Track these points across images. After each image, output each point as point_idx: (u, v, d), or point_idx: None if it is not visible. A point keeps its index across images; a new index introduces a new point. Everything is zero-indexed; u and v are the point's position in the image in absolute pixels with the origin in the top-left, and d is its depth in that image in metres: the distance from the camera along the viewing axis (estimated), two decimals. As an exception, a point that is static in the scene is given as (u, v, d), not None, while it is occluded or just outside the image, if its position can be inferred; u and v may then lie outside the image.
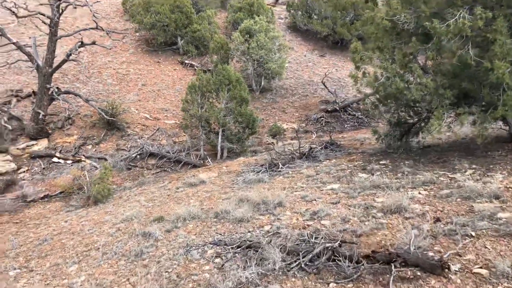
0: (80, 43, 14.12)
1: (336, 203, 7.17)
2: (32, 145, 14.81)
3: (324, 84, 19.34)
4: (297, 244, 5.50)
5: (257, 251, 5.55)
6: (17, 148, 14.52)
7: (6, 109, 14.77)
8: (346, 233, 5.70)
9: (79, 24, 21.75)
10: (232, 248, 5.88)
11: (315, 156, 11.54)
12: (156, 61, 20.99)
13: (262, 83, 19.32)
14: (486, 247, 4.74)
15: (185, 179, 11.63)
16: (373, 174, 8.55)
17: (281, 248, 5.32)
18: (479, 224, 5.26)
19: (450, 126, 8.92)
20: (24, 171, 14.03)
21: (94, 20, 14.37)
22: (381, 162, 9.48)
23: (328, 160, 10.89)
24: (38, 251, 7.66)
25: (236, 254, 5.68)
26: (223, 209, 7.63)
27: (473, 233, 5.07)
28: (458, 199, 6.27)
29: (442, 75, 8.88)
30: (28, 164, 14.27)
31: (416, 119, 10.10)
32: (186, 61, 20.87)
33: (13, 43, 13.75)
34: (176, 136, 16.22)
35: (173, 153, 14.63)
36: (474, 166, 7.90)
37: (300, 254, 5.06)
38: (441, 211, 5.97)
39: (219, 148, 14.24)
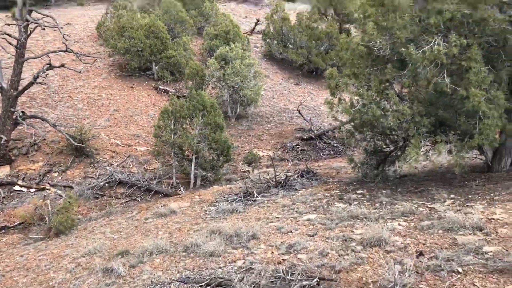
0: (48, 65, 13.58)
1: (313, 235, 6.78)
2: (-8, 172, 13.96)
3: (299, 112, 19.25)
4: (272, 282, 5.05)
5: (227, 290, 5.07)
6: (-24, 175, 13.66)
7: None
8: (324, 269, 5.28)
9: (51, 48, 21.18)
10: (200, 286, 5.37)
11: (291, 184, 11.21)
12: (130, 86, 20.52)
13: (238, 110, 19.08)
14: (475, 285, 4.40)
15: (155, 209, 11.06)
16: (350, 204, 8.25)
17: (254, 287, 4.86)
18: (465, 259, 4.95)
19: (427, 155, 8.77)
20: (-19, 200, 13.14)
21: (64, 43, 13.88)
22: (358, 192, 9.21)
23: (304, 189, 10.57)
24: (-14, 290, 6.93)
25: (205, 294, 5.18)
26: (193, 242, 7.13)
27: (460, 269, 4.74)
28: (440, 231, 5.99)
29: (419, 102, 8.80)
30: (-14, 193, 13.39)
31: (393, 148, 9.96)
32: (161, 87, 20.50)
33: (-25, 65, 13.10)
34: (147, 163, 15.65)
35: (143, 181, 14.02)
36: (452, 196, 7.70)
37: (275, 294, 4.61)
38: (423, 244, 5.65)
39: (192, 176, 13.73)
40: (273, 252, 6.30)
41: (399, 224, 6.56)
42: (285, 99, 22.00)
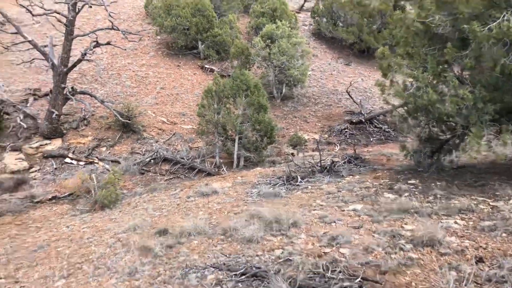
0: (95, 43, 13.73)
1: (358, 228, 6.35)
2: (46, 144, 14.47)
3: (349, 94, 18.47)
4: (310, 278, 4.71)
5: (262, 281, 4.80)
6: (30, 147, 14.21)
7: (20, 107, 14.49)
8: (368, 268, 4.86)
9: (101, 26, 21.54)
10: (235, 275, 5.14)
11: (337, 170, 10.72)
12: (176, 64, 20.54)
13: (284, 91, 18.58)
14: (546, 303, 3.84)
15: (198, 188, 11.01)
16: (401, 195, 7.69)
17: (290, 282, 4.56)
18: (534, 270, 4.34)
19: (490, 145, 7.96)
20: (35, 171, 13.67)
21: (110, 21, 13.94)
22: (409, 182, 8.60)
23: (351, 176, 10.07)
24: (31, 258, 7.12)
25: (239, 284, 4.94)
26: (232, 225, 6.92)
27: (528, 282, 4.17)
28: (504, 234, 5.33)
29: (482, 86, 7.96)
30: (40, 164, 13.91)
31: (450, 136, 9.18)
32: (206, 66, 20.34)
33: (29, 41, 13.46)
34: (192, 142, 15.64)
35: (187, 159, 14.04)
36: (519, 193, 6.92)
37: (313, 292, 4.27)
38: (484, 248, 5.05)
39: (235, 157, 13.56)
40: (314, 244, 5.95)
41: (455, 222, 5.95)
42: (334, 80, 21.20)
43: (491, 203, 6.59)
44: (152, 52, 21.17)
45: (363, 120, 17.05)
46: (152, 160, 14.33)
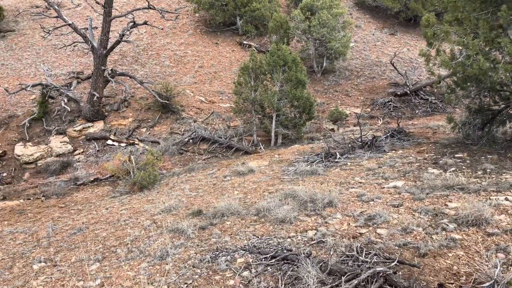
0: (132, 23, 13.72)
1: (398, 206, 5.93)
2: (88, 127, 14.87)
3: (393, 65, 17.54)
4: (343, 261, 4.41)
5: (292, 265, 4.56)
6: (74, 130, 14.65)
7: (64, 91, 14.89)
8: (406, 250, 4.48)
9: (140, 7, 21.66)
10: (265, 258, 4.93)
11: (379, 145, 10.22)
12: (215, 42, 20.34)
13: (324, 64, 17.94)
14: None
15: (234, 167, 10.89)
16: (446, 170, 7.14)
17: (321, 266, 4.28)
18: None
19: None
20: (79, 153, 14.12)
21: (146, 0, 13.86)
22: (456, 156, 7.98)
23: (393, 151, 9.55)
24: (70, 241, 7.27)
25: (268, 268, 4.72)
26: (266, 205, 6.71)
27: None
28: (562, 213, 4.78)
29: (541, 51, 7.15)
30: (83, 146, 14.34)
31: (504, 106, 8.41)
32: (245, 42, 20.00)
33: (69, 25, 13.68)
34: (230, 120, 15.53)
35: (225, 138, 13.95)
36: None
37: (343, 277, 3.97)
38: (538, 228, 4.54)
39: (272, 134, 13.29)
40: (349, 224, 5.62)
41: (506, 199, 5.40)
42: (378, 51, 20.23)
43: (549, 179, 5.94)
44: (190, 30, 21.08)
45: (408, 92, 16.18)
46: (190, 140, 14.38)
